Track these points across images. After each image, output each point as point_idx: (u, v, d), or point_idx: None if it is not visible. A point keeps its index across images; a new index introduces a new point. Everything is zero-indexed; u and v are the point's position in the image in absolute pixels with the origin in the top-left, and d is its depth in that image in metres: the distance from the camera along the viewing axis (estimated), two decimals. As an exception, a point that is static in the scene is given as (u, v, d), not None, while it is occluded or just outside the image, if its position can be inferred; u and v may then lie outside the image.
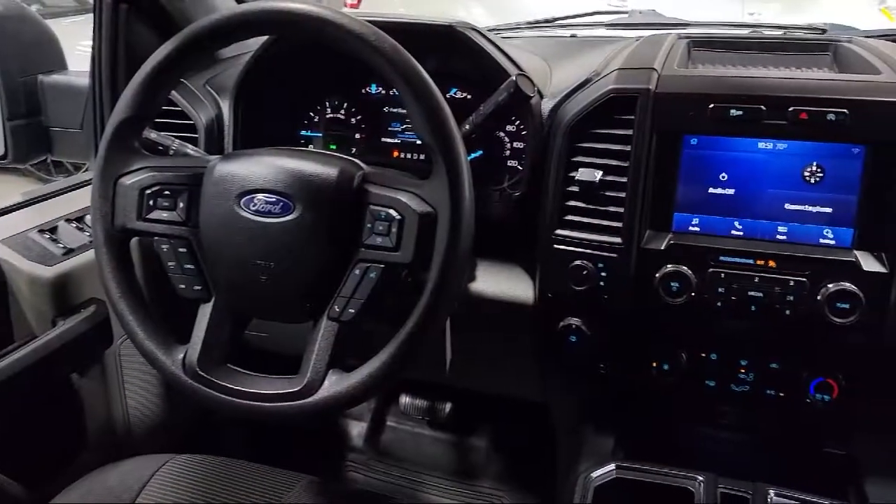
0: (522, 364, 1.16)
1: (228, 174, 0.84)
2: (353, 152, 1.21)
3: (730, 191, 0.93)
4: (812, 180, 0.90)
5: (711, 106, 0.91)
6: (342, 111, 1.23)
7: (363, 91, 1.22)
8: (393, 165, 1.14)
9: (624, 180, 0.94)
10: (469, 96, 1.14)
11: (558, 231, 0.99)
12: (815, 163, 0.89)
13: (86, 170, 1.64)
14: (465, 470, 1.70)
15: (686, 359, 1.00)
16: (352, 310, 0.82)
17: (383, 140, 1.21)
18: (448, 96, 1.15)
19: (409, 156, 1.19)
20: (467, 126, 1.00)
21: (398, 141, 1.20)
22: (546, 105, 1.05)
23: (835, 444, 1.03)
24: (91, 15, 1.27)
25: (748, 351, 0.99)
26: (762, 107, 0.89)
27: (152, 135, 1.09)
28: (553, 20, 1.48)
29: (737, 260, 0.92)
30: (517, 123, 1.10)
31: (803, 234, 0.91)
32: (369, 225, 0.82)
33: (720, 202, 0.94)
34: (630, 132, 0.94)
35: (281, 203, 0.82)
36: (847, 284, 0.87)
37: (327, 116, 1.23)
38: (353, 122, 1.22)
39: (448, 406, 1.70)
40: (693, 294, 0.92)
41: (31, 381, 1.12)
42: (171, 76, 0.87)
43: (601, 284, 0.96)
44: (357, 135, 1.22)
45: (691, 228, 0.95)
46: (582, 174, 0.96)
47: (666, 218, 0.95)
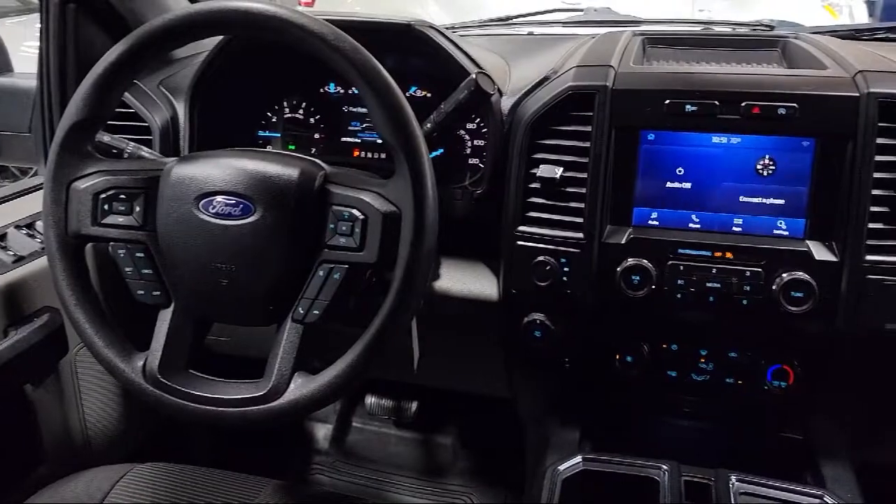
0: (488, 360, 1.16)
1: (186, 177, 0.83)
2: (313, 152, 1.20)
3: (686, 185, 0.95)
4: (765, 173, 0.92)
5: (667, 102, 0.92)
6: (301, 111, 1.21)
7: (322, 90, 1.21)
8: (354, 165, 1.13)
9: (584, 176, 0.96)
10: (429, 95, 1.14)
11: (521, 228, 1.00)
12: (768, 156, 0.92)
13: (34, 174, 1.59)
14: (433, 468, 1.71)
15: (648, 350, 1.02)
16: (316, 311, 0.82)
17: (343, 140, 1.20)
18: (408, 95, 1.14)
19: (371, 155, 1.19)
20: (428, 125, 1.00)
21: (358, 140, 1.19)
22: (506, 103, 1.06)
23: (792, 429, 1.06)
24: (35, 15, 1.23)
25: (707, 341, 1.01)
26: (716, 102, 0.91)
27: (105, 138, 1.06)
28: (510, 18, 1.49)
29: (695, 252, 0.94)
30: (478, 121, 1.11)
31: (758, 226, 0.94)
32: (332, 225, 0.81)
33: (678, 196, 0.95)
34: (589, 128, 0.95)
35: (241, 205, 0.81)
36: (800, 273, 0.90)
37: (285, 116, 1.22)
38: (313, 122, 1.21)
39: (414, 405, 1.70)
40: (654, 287, 0.94)
41: (-17, 394, 1.09)
42: (124, 77, 0.85)
43: (564, 279, 0.97)
44: (316, 135, 1.21)
45: (650, 222, 0.97)
46: (543, 171, 0.97)
47: (626, 212, 0.96)
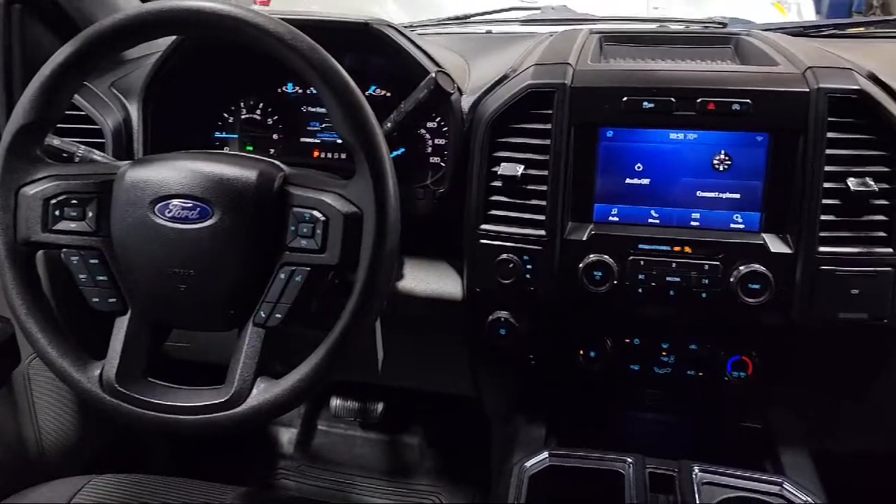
0: (453, 359, 1.16)
1: (141, 180, 0.81)
2: (272, 153, 1.19)
3: (645, 180, 0.96)
4: (721, 168, 0.94)
5: (625, 99, 0.93)
6: (258, 111, 1.20)
7: (279, 90, 1.19)
8: (314, 166, 1.12)
9: (545, 173, 0.96)
10: (389, 94, 1.14)
11: (483, 226, 1.00)
12: (723, 151, 0.94)
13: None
14: (400, 469, 1.70)
15: (611, 345, 1.03)
16: (278, 315, 0.81)
17: (302, 140, 1.18)
18: (367, 94, 1.14)
19: (331, 155, 1.18)
20: (388, 124, 1.00)
21: (318, 141, 1.18)
22: (466, 101, 1.06)
23: (751, 419, 1.08)
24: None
25: (669, 334, 1.03)
26: (672, 99, 0.93)
27: (55, 141, 1.03)
28: (468, 17, 1.49)
29: (654, 247, 0.95)
30: (438, 120, 1.10)
31: (715, 220, 0.95)
32: (293, 227, 0.80)
33: (637, 192, 0.97)
34: (549, 126, 0.96)
35: (198, 208, 0.79)
36: (757, 266, 0.92)
37: (242, 117, 1.20)
38: (270, 123, 1.19)
39: (380, 406, 1.69)
40: (615, 282, 0.95)
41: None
42: (74, 78, 0.83)
43: (527, 277, 0.98)
44: (275, 135, 1.19)
45: (611, 218, 0.98)
46: (504, 169, 0.97)
47: (587, 209, 0.97)
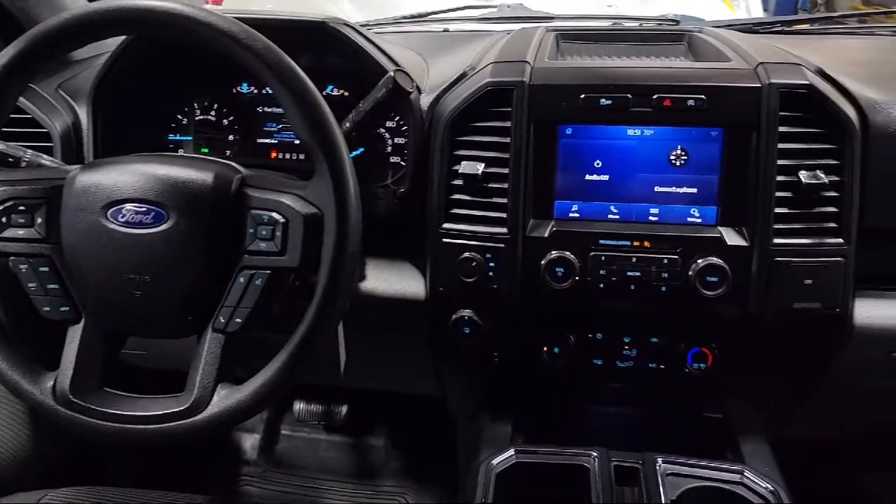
0: (417, 359, 1.16)
1: (92, 185, 0.79)
2: (228, 155, 1.16)
3: (604, 177, 0.97)
4: (678, 163, 0.96)
5: (583, 96, 0.94)
6: (213, 112, 1.17)
7: (234, 90, 1.17)
8: (272, 167, 1.10)
9: (506, 171, 0.96)
10: (347, 93, 1.12)
11: (445, 225, 1.00)
12: (680, 146, 0.95)
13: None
14: (366, 471, 1.69)
15: (574, 341, 1.04)
16: (238, 319, 0.80)
17: (259, 141, 1.16)
18: (325, 94, 1.12)
19: (289, 156, 1.16)
20: (347, 124, 0.99)
21: (275, 141, 1.16)
22: (425, 100, 1.05)
23: (712, 409, 1.10)
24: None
25: (630, 328, 1.04)
26: (629, 95, 0.94)
27: (0, 146, 1.00)
28: (425, 15, 1.49)
29: (615, 242, 0.96)
30: (397, 119, 1.10)
31: (673, 214, 0.97)
32: (251, 230, 0.79)
33: (596, 188, 0.97)
34: (508, 124, 0.96)
35: (153, 212, 0.78)
36: (714, 259, 0.93)
37: (197, 118, 1.18)
38: (226, 124, 1.17)
39: (344, 408, 1.68)
40: (577, 278, 0.95)
41: None
42: (18, 80, 0.80)
43: (490, 275, 0.98)
44: (231, 136, 1.17)
45: (571, 215, 0.98)
46: (465, 167, 0.97)
47: (548, 206, 0.98)
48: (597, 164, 0.97)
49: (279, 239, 0.78)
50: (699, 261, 0.94)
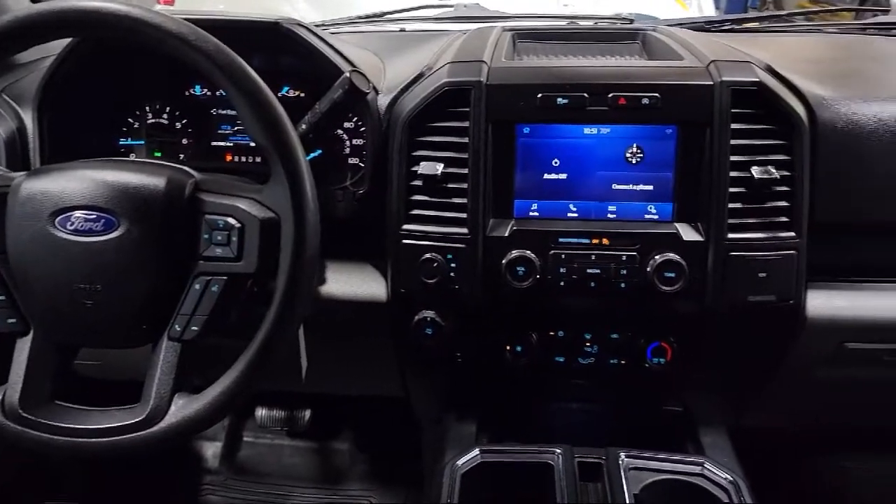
0: (380, 362, 1.15)
1: (38, 192, 0.76)
2: (181, 159, 1.14)
3: (563, 175, 0.98)
4: (634, 161, 0.97)
5: (540, 95, 0.95)
6: (165, 115, 1.14)
7: (187, 93, 1.14)
8: (227, 170, 1.08)
9: (465, 171, 0.96)
10: (302, 95, 1.11)
11: (405, 226, 0.99)
12: (636, 144, 0.96)
13: None
14: (331, 475, 1.68)
15: (536, 339, 1.04)
16: (195, 327, 0.78)
17: (214, 144, 1.14)
18: (280, 96, 1.11)
19: (245, 159, 1.14)
20: (303, 126, 0.97)
21: (230, 144, 1.14)
22: (382, 101, 1.05)
23: (672, 402, 1.12)
24: None
25: (591, 325, 1.05)
26: (585, 94, 0.95)
27: (-61, 152, 0.96)
28: (381, 15, 1.48)
29: (574, 240, 0.97)
30: (355, 120, 1.09)
31: (630, 212, 0.98)
32: (206, 236, 0.78)
33: (555, 187, 0.98)
34: (466, 124, 0.96)
35: (103, 219, 0.76)
36: (671, 255, 0.95)
37: (149, 122, 1.15)
38: (179, 127, 1.15)
39: (307, 413, 1.66)
40: (538, 276, 0.96)
41: None
42: (-43, 85, 0.77)
43: (451, 275, 0.98)
44: (184, 140, 1.15)
45: (531, 214, 0.99)
46: (424, 168, 0.96)
47: (507, 205, 0.98)
48: (555, 163, 0.98)
49: (235, 244, 0.77)
50: (657, 257, 0.95)
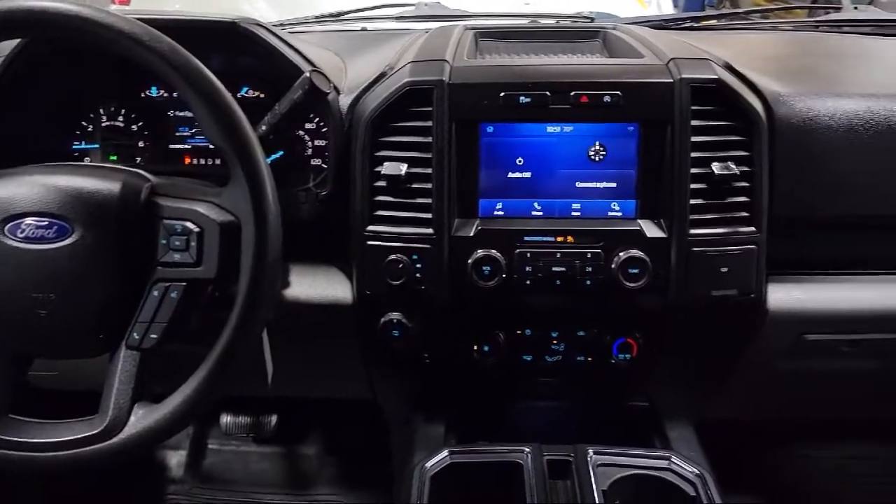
0: (347, 364, 1.14)
1: None
2: (138, 162, 1.11)
3: (527, 174, 0.98)
4: (597, 158, 0.97)
5: (503, 94, 0.94)
6: (120, 118, 1.11)
7: (143, 94, 1.12)
8: (186, 173, 1.06)
9: (429, 171, 0.96)
10: (262, 95, 1.09)
11: (370, 227, 0.98)
12: (598, 142, 0.97)
13: None
14: (299, 480, 1.66)
15: (503, 338, 1.04)
16: (154, 335, 0.77)
17: (171, 147, 1.11)
18: (239, 96, 1.09)
19: (204, 162, 1.12)
20: (263, 127, 0.96)
21: (189, 146, 1.11)
22: (344, 101, 1.03)
23: (638, 398, 1.13)
24: None
25: (558, 323, 1.05)
26: (547, 93, 0.95)
27: None
28: (342, 14, 1.46)
29: (539, 239, 0.97)
30: (316, 121, 1.07)
31: (594, 209, 0.98)
32: (164, 241, 0.76)
33: (519, 185, 0.98)
34: (429, 123, 0.95)
35: (55, 226, 0.73)
36: (635, 251, 0.95)
37: (104, 125, 1.11)
38: (135, 130, 1.12)
39: (274, 418, 1.64)
40: (504, 276, 0.96)
41: None
42: None
43: (417, 276, 0.97)
44: (140, 143, 1.12)
45: (496, 213, 0.98)
46: (387, 168, 0.95)
47: (472, 205, 0.98)
48: (519, 162, 0.97)
49: (194, 249, 0.76)
50: (621, 254, 0.95)
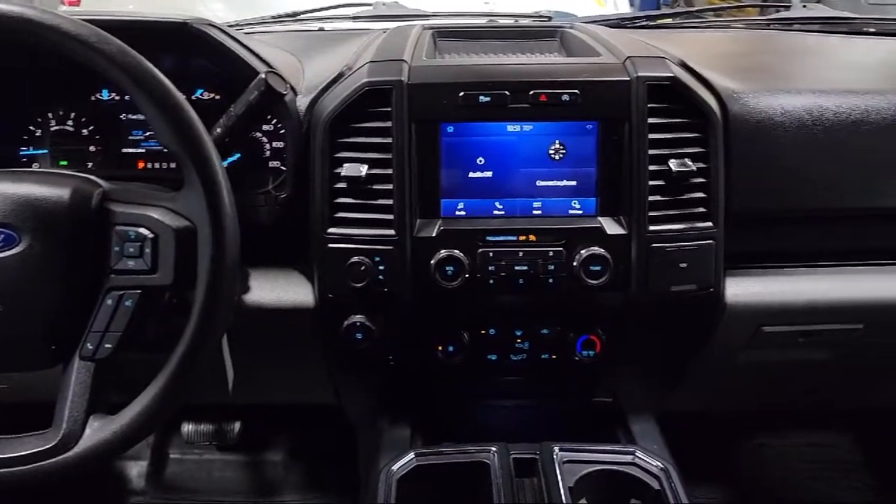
0: (311, 368, 1.13)
1: None
2: (90, 168, 1.08)
3: (488, 173, 0.98)
4: (557, 157, 0.97)
5: (462, 94, 0.94)
6: (70, 122, 1.08)
7: (93, 98, 1.08)
8: (140, 178, 1.03)
9: (390, 172, 0.95)
10: (217, 97, 1.07)
11: (331, 230, 0.97)
12: (558, 141, 0.97)
13: None
14: (265, 487, 1.63)
15: (468, 338, 1.04)
16: (108, 345, 0.75)
17: (124, 151, 1.08)
18: (193, 98, 1.06)
19: (159, 166, 1.09)
20: (219, 129, 0.94)
21: (142, 150, 1.08)
22: (302, 102, 1.02)
23: (602, 394, 1.14)
24: None
25: (521, 321, 1.05)
26: (507, 92, 0.95)
27: None
28: (298, 14, 1.45)
29: (501, 238, 0.97)
30: (274, 122, 1.05)
31: (555, 207, 0.99)
32: (117, 248, 0.74)
33: (481, 185, 0.98)
34: (389, 124, 0.95)
35: (2, 235, 0.71)
36: (596, 248, 0.96)
37: (52, 129, 1.08)
38: (86, 134, 1.08)
39: (237, 425, 1.61)
40: (467, 275, 0.96)
41: None
42: None
43: (380, 278, 0.96)
44: (92, 147, 1.08)
45: (458, 213, 0.98)
46: (347, 170, 0.94)
47: (434, 205, 0.97)
48: (480, 162, 0.97)
49: (149, 256, 0.74)
50: (582, 251, 0.96)
